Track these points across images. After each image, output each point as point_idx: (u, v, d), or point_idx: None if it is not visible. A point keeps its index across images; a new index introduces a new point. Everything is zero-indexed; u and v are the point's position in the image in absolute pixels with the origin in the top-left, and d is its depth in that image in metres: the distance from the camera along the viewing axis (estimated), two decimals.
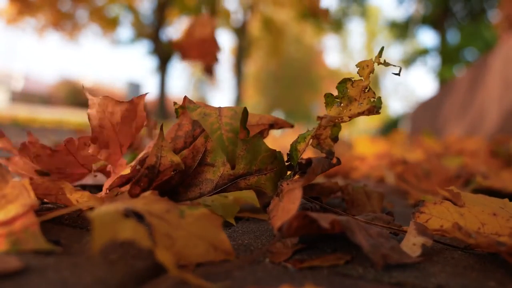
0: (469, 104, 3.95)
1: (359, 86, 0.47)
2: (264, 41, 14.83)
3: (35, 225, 0.36)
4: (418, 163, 1.12)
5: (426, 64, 13.31)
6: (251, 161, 0.48)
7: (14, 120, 5.35)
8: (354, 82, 0.48)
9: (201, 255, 0.36)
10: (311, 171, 0.44)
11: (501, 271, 0.39)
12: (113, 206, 0.33)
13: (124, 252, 0.38)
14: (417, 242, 0.41)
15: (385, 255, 0.37)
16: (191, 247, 0.35)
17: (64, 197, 0.46)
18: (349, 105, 0.48)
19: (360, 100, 0.47)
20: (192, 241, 0.35)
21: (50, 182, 0.45)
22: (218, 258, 0.37)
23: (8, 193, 0.39)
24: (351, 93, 0.48)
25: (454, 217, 0.45)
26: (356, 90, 0.48)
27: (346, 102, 0.48)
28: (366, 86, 0.47)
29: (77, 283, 0.30)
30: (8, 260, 0.32)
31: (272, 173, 0.49)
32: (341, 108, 0.49)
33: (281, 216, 0.40)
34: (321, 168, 0.48)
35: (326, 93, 0.49)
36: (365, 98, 0.47)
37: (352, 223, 0.38)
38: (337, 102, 0.49)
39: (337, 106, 0.49)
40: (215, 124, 0.42)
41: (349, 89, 0.48)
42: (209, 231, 0.37)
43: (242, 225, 0.54)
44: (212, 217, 0.38)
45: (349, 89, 0.48)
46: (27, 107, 14.31)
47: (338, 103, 0.49)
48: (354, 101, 0.48)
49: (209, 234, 0.37)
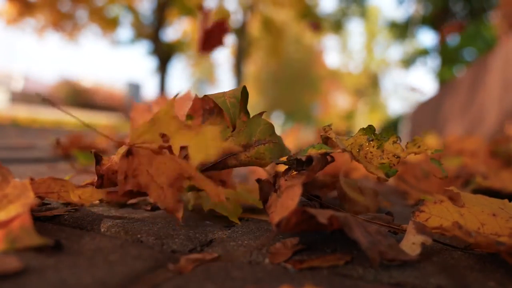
0: (469, 105, 3.95)
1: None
2: (263, 41, 14.82)
3: (28, 221, 0.36)
4: (417, 163, 1.12)
5: (426, 64, 13.32)
6: (251, 134, 0.53)
7: (14, 121, 5.35)
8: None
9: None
10: (312, 168, 0.44)
11: (501, 271, 0.39)
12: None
13: (124, 252, 0.38)
14: (417, 241, 0.41)
15: (382, 252, 0.37)
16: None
17: (66, 195, 0.46)
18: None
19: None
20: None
21: (52, 181, 0.46)
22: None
23: (9, 193, 0.39)
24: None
25: (454, 217, 0.46)
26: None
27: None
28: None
29: (77, 284, 0.30)
30: (8, 261, 0.32)
31: (271, 144, 0.52)
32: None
33: (279, 212, 0.40)
34: (321, 165, 0.48)
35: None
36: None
37: (351, 219, 0.38)
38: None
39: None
40: (221, 97, 0.52)
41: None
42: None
43: (242, 226, 0.54)
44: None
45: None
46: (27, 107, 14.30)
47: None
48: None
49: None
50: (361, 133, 0.50)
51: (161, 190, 0.46)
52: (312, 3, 11.84)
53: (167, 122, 0.43)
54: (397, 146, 0.48)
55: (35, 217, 0.49)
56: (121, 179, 0.46)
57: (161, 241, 0.43)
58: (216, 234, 0.48)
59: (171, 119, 0.43)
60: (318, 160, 0.46)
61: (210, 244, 0.44)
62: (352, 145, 0.50)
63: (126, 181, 0.46)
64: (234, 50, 13.45)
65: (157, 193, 0.46)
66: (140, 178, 0.46)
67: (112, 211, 0.56)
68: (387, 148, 0.48)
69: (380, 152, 0.48)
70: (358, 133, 0.50)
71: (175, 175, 0.45)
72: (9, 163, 1.12)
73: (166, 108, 0.43)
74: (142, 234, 0.45)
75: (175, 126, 0.43)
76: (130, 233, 0.46)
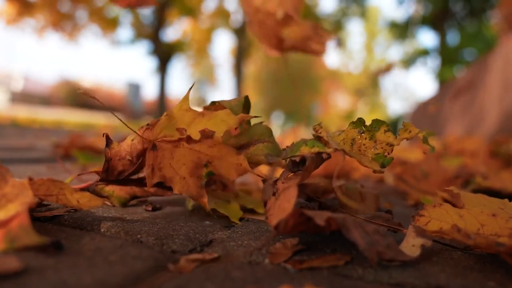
0: (469, 105, 3.95)
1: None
2: None
3: (27, 220, 0.36)
4: (417, 163, 1.12)
5: (426, 64, 13.32)
6: (252, 135, 0.58)
7: (14, 121, 5.35)
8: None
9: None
10: (306, 169, 0.44)
11: (500, 271, 0.39)
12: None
13: (124, 252, 0.38)
14: (416, 243, 0.41)
15: (380, 252, 0.37)
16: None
17: (64, 198, 0.46)
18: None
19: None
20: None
21: (51, 183, 0.46)
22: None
23: (8, 192, 0.39)
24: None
25: (454, 219, 0.45)
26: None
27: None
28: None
29: (77, 284, 0.30)
30: (8, 261, 0.32)
31: (269, 143, 0.57)
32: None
33: (277, 215, 0.40)
34: (315, 165, 0.48)
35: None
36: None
37: (348, 220, 0.38)
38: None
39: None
40: (228, 102, 0.56)
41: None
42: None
43: (242, 226, 0.54)
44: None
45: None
46: (26, 107, 14.30)
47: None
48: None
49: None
50: (352, 126, 0.50)
51: (184, 180, 0.51)
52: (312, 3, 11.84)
53: (182, 115, 0.50)
54: (389, 134, 0.48)
55: (35, 218, 0.49)
56: (148, 172, 0.50)
57: (161, 241, 0.43)
58: (216, 234, 0.48)
59: (185, 112, 0.50)
60: (312, 160, 0.46)
61: (210, 244, 0.44)
62: (344, 140, 0.50)
63: (153, 174, 0.50)
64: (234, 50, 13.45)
65: (181, 184, 0.50)
66: (165, 171, 0.51)
67: (112, 211, 0.56)
68: (379, 138, 0.48)
69: (373, 143, 0.49)
70: (348, 127, 0.50)
71: (194, 164, 0.51)
72: (9, 163, 1.12)
73: (179, 104, 0.50)
74: (142, 234, 0.45)
75: (190, 117, 0.50)
76: (130, 233, 0.46)
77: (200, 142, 0.49)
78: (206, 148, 0.49)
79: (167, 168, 0.50)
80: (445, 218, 0.46)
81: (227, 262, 0.39)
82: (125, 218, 0.53)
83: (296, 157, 0.47)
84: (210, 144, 0.49)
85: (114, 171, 0.54)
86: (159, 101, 12.21)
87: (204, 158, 0.50)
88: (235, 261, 0.39)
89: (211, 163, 0.50)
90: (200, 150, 0.50)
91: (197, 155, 0.50)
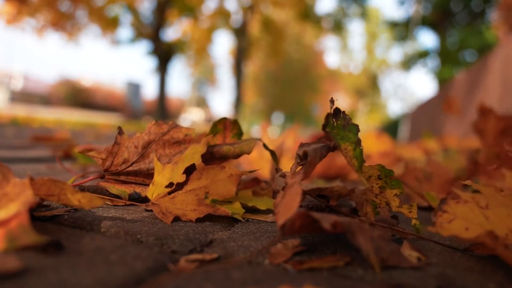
0: (469, 105, 3.95)
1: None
2: (264, 42, 14.82)
3: (26, 219, 0.36)
4: (418, 165, 1.12)
5: (426, 65, 13.31)
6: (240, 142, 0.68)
7: (14, 120, 5.35)
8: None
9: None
10: (309, 163, 0.44)
11: (501, 273, 0.39)
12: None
13: (124, 252, 0.38)
14: (412, 254, 0.42)
15: (384, 259, 0.37)
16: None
17: (66, 198, 0.46)
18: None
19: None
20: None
21: (52, 183, 0.45)
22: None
23: (9, 191, 0.39)
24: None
25: (480, 220, 0.42)
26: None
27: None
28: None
29: (77, 284, 0.30)
30: (8, 261, 0.32)
31: (251, 143, 0.66)
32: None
33: (283, 213, 0.39)
34: (319, 157, 0.47)
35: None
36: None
37: (354, 225, 0.38)
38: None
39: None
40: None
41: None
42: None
43: (242, 226, 0.54)
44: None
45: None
46: (26, 107, 14.30)
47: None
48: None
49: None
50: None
51: (196, 211, 0.55)
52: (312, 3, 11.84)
53: (162, 178, 0.57)
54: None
55: (35, 217, 0.49)
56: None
57: (161, 242, 0.43)
58: (216, 234, 0.48)
59: (165, 173, 0.57)
60: (315, 152, 0.45)
61: (210, 245, 0.44)
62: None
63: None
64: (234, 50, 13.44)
65: (194, 214, 0.55)
66: (176, 212, 0.55)
67: (112, 211, 0.56)
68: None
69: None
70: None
71: (196, 201, 0.56)
72: (9, 162, 1.12)
73: (161, 174, 0.57)
74: (142, 234, 0.45)
75: (169, 171, 0.57)
76: (130, 233, 0.46)
77: (190, 183, 0.56)
78: (196, 182, 0.56)
79: (176, 211, 0.54)
80: (470, 217, 0.42)
81: (227, 262, 0.39)
82: (125, 218, 0.52)
83: (299, 151, 0.47)
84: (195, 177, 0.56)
85: (119, 158, 0.62)
86: (159, 101, 12.21)
87: (200, 192, 0.56)
88: (235, 261, 0.39)
89: (208, 192, 0.56)
90: (192, 188, 0.56)
91: (194, 193, 0.56)
